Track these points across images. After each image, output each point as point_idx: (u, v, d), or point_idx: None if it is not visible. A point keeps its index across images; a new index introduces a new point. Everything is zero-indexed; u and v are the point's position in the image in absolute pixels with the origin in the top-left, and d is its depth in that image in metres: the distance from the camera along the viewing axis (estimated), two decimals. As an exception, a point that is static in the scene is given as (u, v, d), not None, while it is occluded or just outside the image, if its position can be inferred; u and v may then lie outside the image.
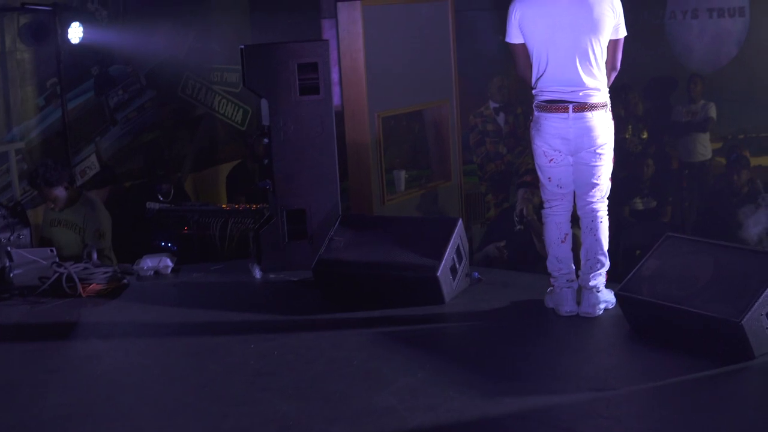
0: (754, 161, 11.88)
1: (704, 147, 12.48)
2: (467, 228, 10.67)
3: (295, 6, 12.28)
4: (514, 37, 6.43)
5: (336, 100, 8.59)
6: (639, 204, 11.53)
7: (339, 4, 9.23)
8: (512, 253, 9.17)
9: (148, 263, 8.08)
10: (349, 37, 9.13)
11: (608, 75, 6.38)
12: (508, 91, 12.27)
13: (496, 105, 12.19)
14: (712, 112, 12.35)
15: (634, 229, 10.93)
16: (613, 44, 6.35)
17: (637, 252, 10.15)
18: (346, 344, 6.18)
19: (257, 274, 7.85)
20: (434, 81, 9.95)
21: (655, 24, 12.73)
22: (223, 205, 10.18)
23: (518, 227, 9.28)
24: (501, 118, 12.23)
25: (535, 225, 9.08)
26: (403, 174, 10.10)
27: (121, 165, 11.70)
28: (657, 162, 12.03)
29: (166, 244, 9.63)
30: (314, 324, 6.67)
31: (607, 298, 6.53)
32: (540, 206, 9.32)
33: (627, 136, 11.80)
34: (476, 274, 7.32)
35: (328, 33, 11.86)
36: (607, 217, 6.51)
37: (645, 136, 12.33)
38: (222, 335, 6.56)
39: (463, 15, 10.81)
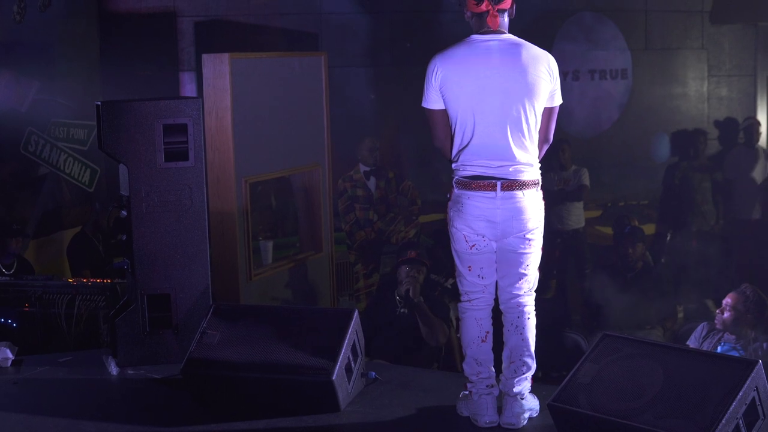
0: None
1: (578, 216, 11.91)
2: (335, 300, 9.77)
3: (151, 56, 11.42)
4: (432, 101, 5.42)
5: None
6: None
7: (204, 56, 8.28)
8: (397, 342, 8.16)
9: (-16, 354, 6.95)
10: (215, 94, 8.13)
11: (539, 148, 5.47)
12: (379, 153, 11.44)
13: (367, 169, 11.34)
14: (586, 179, 11.82)
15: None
16: (547, 113, 5.43)
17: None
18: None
19: (113, 369, 6.75)
20: (306, 143, 9.06)
21: (533, 84, 12.14)
22: (69, 279, 9.09)
23: (401, 310, 8.26)
24: (372, 183, 11.40)
25: (422, 308, 8.08)
26: (270, 245, 9.18)
27: (-45, 231, 10.62)
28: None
29: (7, 320, 8.51)
30: (186, 439, 5.58)
31: (531, 405, 5.59)
32: (428, 285, 8.55)
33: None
34: (373, 373, 6.30)
35: (187, 87, 11.11)
36: (535, 312, 5.57)
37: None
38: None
39: (333, 71, 10.00)
